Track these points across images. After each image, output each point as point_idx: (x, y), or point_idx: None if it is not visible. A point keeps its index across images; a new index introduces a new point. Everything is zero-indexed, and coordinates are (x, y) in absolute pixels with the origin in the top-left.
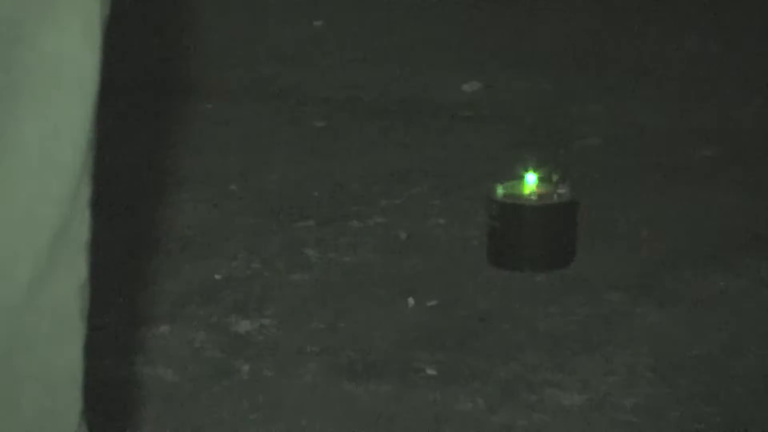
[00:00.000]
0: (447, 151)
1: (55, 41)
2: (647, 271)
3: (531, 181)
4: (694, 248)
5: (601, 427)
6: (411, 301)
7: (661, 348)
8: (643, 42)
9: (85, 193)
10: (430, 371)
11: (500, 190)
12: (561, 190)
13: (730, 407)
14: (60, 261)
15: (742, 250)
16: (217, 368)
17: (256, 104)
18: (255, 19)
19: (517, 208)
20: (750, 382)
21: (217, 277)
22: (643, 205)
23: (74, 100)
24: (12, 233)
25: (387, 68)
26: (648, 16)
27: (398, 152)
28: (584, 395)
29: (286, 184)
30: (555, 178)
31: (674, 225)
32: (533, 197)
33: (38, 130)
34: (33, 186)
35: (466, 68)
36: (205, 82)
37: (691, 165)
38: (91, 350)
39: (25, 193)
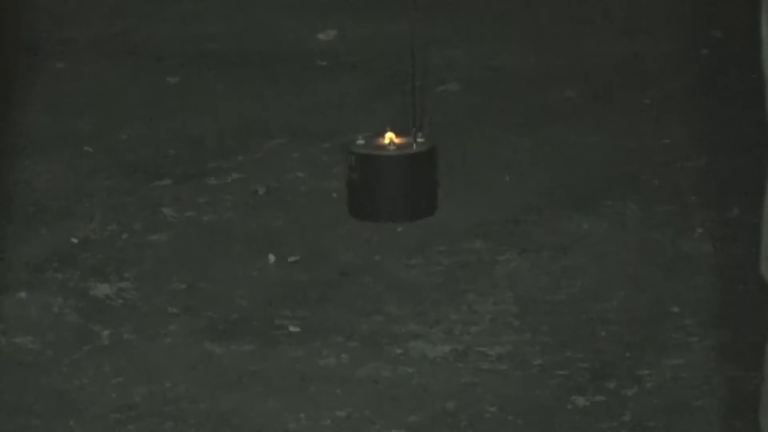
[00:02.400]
0: (304, 101)
1: None
2: (509, 217)
3: (389, 130)
4: (556, 192)
5: (466, 376)
6: (272, 257)
7: (525, 295)
8: None
9: None
10: (293, 328)
11: (359, 141)
12: (420, 139)
13: (594, 352)
14: None
15: (604, 191)
16: (77, 333)
17: (105, 61)
18: None
19: (375, 159)
20: (613, 325)
21: (73, 240)
22: (504, 150)
23: None
24: None
25: (239, 19)
26: None
27: (254, 105)
28: (448, 345)
29: (141, 142)
30: (413, 126)
31: (536, 169)
32: (391, 147)
33: None
34: None
35: (321, 16)
36: (52, 39)
37: (551, 107)
38: None
39: None
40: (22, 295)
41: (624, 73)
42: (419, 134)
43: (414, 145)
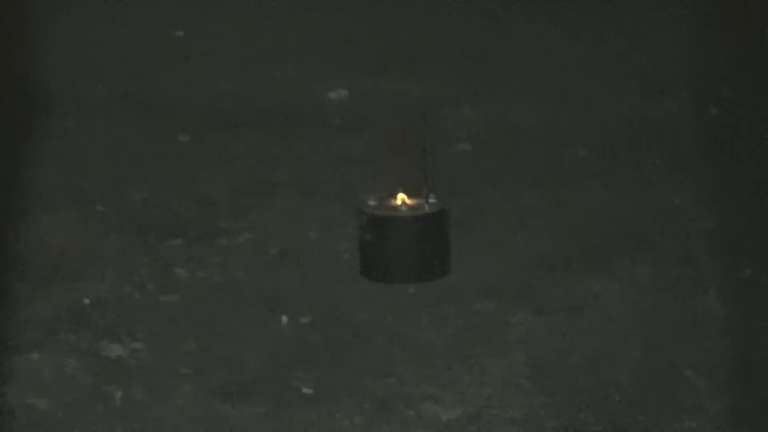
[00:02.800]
0: (315, 161)
1: None
2: (522, 278)
3: (401, 191)
4: (568, 252)
5: None
6: (284, 318)
7: (537, 357)
8: (511, 41)
9: None
10: (306, 389)
11: (371, 202)
12: (432, 200)
13: (607, 414)
14: None
15: (615, 252)
16: (90, 394)
17: (117, 119)
18: (116, 30)
19: (387, 220)
20: (627, 387)
21: (86, 300)
22: (516, 210)
23: None
24: None
25: (251, 78)
26: (514, 15)
27: (266, 164)
28: (461, 408)
29: (153, 201)
30: (425, 187)
31: (548, 229)
32: (403, 208)
33: None
34: None
35: (332, 76)
36: (64, 97)
37: (563, 166)
38: None
39: None
40: (35, 355)
41: (635, 133)
42: (431, 195)
43: (426, 206)
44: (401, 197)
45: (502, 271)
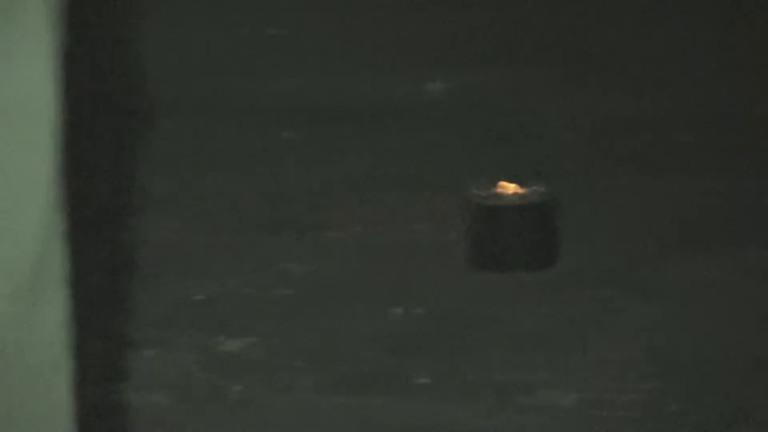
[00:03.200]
0: (419, 154)
1: (15, 72)
2: (632, 264)
3: (508, 180)
4: (677, 237)
5: (598, 425)
6: (398, 310)
7: (653, 341)
8: (608, 29)
9: (59, 227)
10: (422, 380)
11: (478, 192)
12: (538, 188)
13: (727, 397)
14: (41, 296)
15: (725, 237)
16: (207, 390)
17: (218, 118)
18: (208, 31)
19: (495, 210)
20: (746, 370)
21: (199, 297)
22: (622, 197)
23: (36, 133)
24: None
25: (349, 73)
26: (611, 4)
27: (370, 158)
28: (580, 394)
29: (261, 198)
30: (532, 176)
31: (655, 214)
32: (512, 197)
33: (3, 165)
34: (4, 224)
35: (435, 68)
36: (165, 98)
37: (666, 152)
38: (80, 378)
39: None
40: (151, 352)
41: (747, 119)
42: (538, 183)
43: (534, 195)
44: (509, 186)
45: (614, 258)
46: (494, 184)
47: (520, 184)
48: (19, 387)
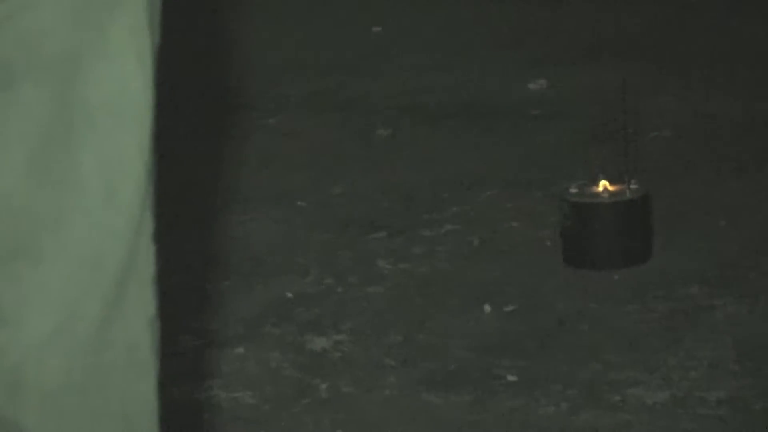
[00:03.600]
0: (516, 152)
1: (110, 73)
2: (725, 263)
3: (602, 178)
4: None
5: (686, 423)
6: (487, 307)
7: (743, 340)
8: (709, 29)
9: (148, 226)
10: (511, 377)
11: (572, 190)
12: (633, 186)
13: None
14: (128, 296)
15: None
16: (295, 388)
17: (318, 116)
18: (312, 28)
19: (589, 207)
20: None
21: (289, 295)
22: (718, 196)
23: (131, 131)
24: (78, 271)
25: (449, 72)
26: (712, 3)
27: (466, 156)
28: (667, 392)
29: (355, 196)
30: (626, 173)
31: (750, 215)
32: (605, 195)
33: (97, 165)
34: (95, 222)
35: (531, 66)
36: (265, 95)
37: (765, 151)
38: (168, 375)
39: (88, 230)
40: (240, 350)
41: None
42: (633, 181)
43: (628, 192)
44: (603, 184)
45: (706, 256)
46: (590, 182)
47: (615, 182)
48: (105, 386)
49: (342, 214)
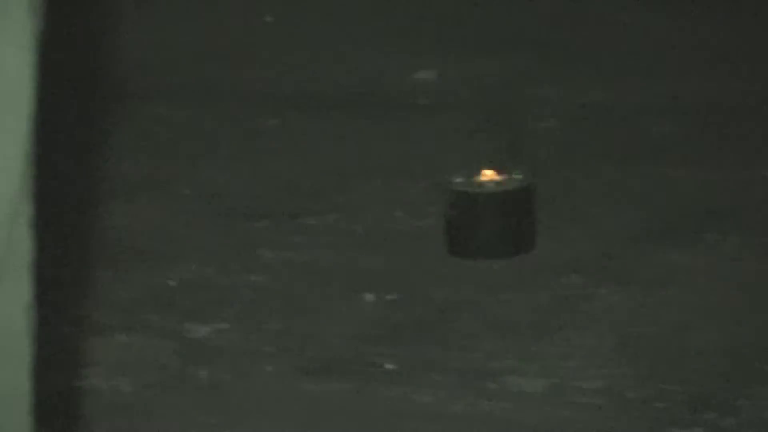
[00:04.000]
0: (402, 142)
1: None
2: (606, 252)
3: (486, 168)
4: (652, 226)
5: (563, 411)
6: (369, 296)
7: (622, 328)
8: (591, 19)
9: (27, 211)
10: (389, 366)
11: (457, 179)
12: (517, 175)
13: (692, 384)
14: (4, 282)
15: (700, 225)
16: (175, 376)
17: (204, 105)
18: (203, 17)
19: (472, 196)
20: (711, 358)
21: (171, 282)
22: (602, 185)
23: (10, 117)
24: None
25: (338, 61)
26: None
27: (352, 146)
28: (545, 380)
29: (239, 184)
30: (511, 163)
31: (632, 203)
32: (489, 184)
33: None
34: None
35: (419, 56)
36: (153, 84)
37: (646, 141)
38: (45, 363)
39: None
40: (121, 338)
41: (723, 107)
42: (516, 171)
43: (511, 182)
44: (487, 174)
45: (588, 245)
46: (474, 172)
47: (499, 171)
48: None
49: (225, 202)
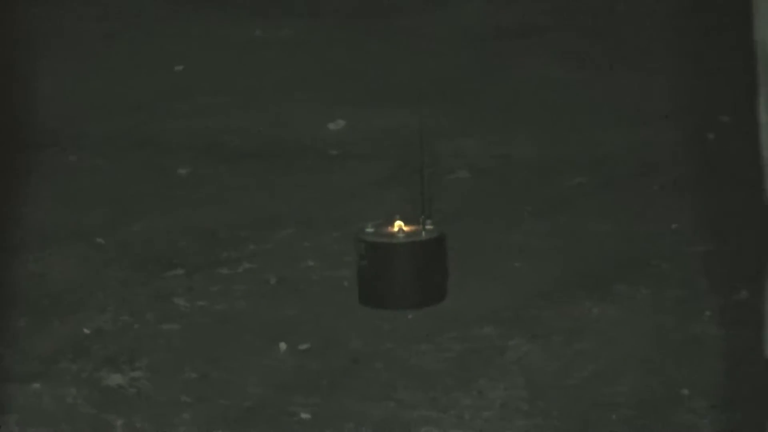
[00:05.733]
0: (314, 191)
1: None
2: (520, 303)
3: (398, 218)
4: (566, 277)
5: None
6: (283, 345)
7: (535, 379)
8: (507, 73)
9: None
10: (305, 415)
11: (368, 229)
12: (429, 226)
13: None
14: None
15: (615, 276)
16: (91, 424)
17: (117, 154)
18: (114, 66)
19: (384, 247)
20: (623, 409)
21: (86, 331)
22: (514, 237)
23: None
24: None
25: (250, 111)
26: (508, 47)
27: (265, 195)
28: (460, 431)
29: (153, 234)
30: (422, 214)
31: (546, 255)
32: (400, 235)
33: None
34: None
35: (330, 107)
36: (63, 133)
37: (561, 193)
38: None
39: None
40: (36, 385)
41: (633, 160)
42: (428, 221)
43: (423, 233)
44: (398, 224)
45: (500, 296)
46: (386, 223)
47: (411, 222)
48: None
49: (140, 251)
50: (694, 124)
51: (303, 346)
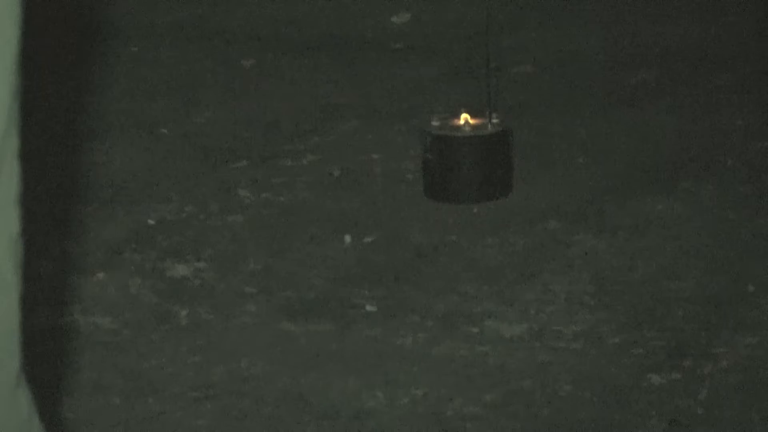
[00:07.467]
0: (378, 84)
1: None
2: (584, 198)
3: (464, 112)
4: (630, 173)
5: (542, 355)
6: (347, 238)
7: (600, 274)
8: None
9: (13, 145)
10: (370, 308)
11: (434, 122)
12: (494, 120)
13: (669, 331)
14: None
15: (680, 173)
16: (155, 314)
17: (181, 45)
18: None
19: (450, 140)
20: (689, 305)
21: (150, 222)
22: (579, 132)
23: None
24: None
25: (313, 3)
26: None
27: (329, 88)
28: (524, 325)
29: (217, 125)
30: (488, 108)
31: (611, 151)
32: (466, 128)
33: None
34: None
35: (395, 0)
36: (128, 23)
37: (626, 89)
38: (28, 300)
39: None
40: (100, 275)
41: (699, 56)
42: (494, 115)
43: (489, 126)
44: (464, 117)
45: (565, 191)
46: (451, 116)
47: (477, 115)
48: None
49: (204, 142)
50: (760, 20)
51: (367, 239)
